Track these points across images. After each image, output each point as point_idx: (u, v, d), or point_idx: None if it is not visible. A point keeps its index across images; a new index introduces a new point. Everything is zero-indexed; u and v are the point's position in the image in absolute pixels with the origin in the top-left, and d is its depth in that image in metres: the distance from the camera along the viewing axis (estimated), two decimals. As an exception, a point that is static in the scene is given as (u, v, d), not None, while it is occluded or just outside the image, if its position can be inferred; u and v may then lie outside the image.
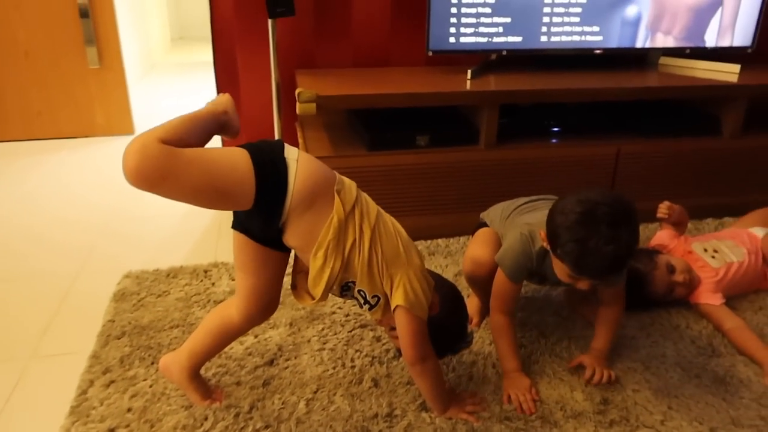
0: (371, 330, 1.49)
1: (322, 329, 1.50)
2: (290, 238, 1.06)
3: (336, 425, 1.20)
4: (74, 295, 1.69)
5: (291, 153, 1.02)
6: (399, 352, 1.24)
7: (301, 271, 1.17)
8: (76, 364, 1.37)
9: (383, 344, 1.44)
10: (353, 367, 1.37)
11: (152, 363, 1.37)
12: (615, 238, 1.09)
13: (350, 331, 1.49)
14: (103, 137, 3.06)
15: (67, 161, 2.74)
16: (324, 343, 1.45)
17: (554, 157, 2.00)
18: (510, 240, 1.34)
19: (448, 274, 1.73)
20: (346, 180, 1.10)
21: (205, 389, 1.27)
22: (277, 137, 2.06)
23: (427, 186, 1.94)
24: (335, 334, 1.48)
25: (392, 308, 1.10)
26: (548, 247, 1.21)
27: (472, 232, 1.56)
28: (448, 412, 1.22)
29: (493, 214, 1.54)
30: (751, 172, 2.16)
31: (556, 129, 2.11)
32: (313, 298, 1.10)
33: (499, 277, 1.34)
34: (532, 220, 1.36)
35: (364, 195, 1.13)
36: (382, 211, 1.14)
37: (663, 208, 1.72)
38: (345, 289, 1.11)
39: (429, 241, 1.92)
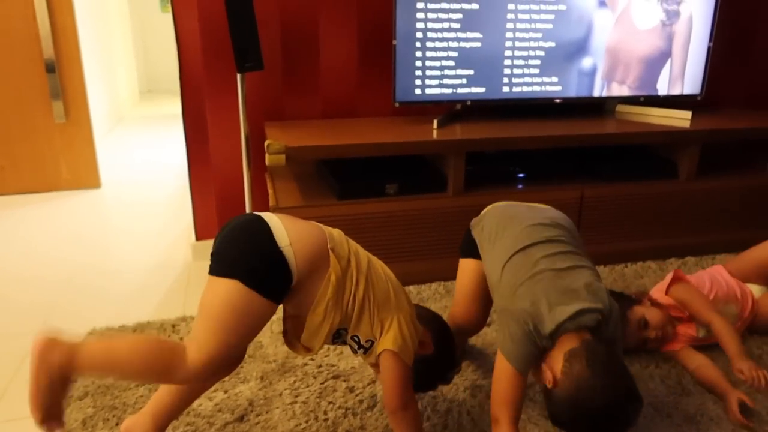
0: (344, 381, 1.47)
1: (294, 381, 1.47)
2: (287, 302, 1.08)
3: (309, 482, 1.16)
4: (35, 355, 1.62)
5: (281, 238, 1.02)
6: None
7: (290, 317, 1.16)
8: (36, 429, 1.31)
9: (356, 395, 1.42)
10: (326, 419, 1.34)
11: (116, 424, 1.32)
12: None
13: (323, 383, 1.46)
14: (68, 191, 3.02)
15: (30, 216, 2.68)
16: (296, 396, 1.41)
17: (520, 201, 2.03)
18: (513, 330, 1.13)
19: (421, 322, 1.73)
20: (335, 232, 1.13)
21: None
22: (246, 189, 2.06)
23: (397, 233, 1.95)
24: (307, 386, 1.45)
25: (378, 352, 1.11)
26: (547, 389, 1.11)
27: (460, 250, 1.46)
28: None
29: (487, 229, 1.36)
30: (709, 212, 2.23)
31: (521, 175, 2.17)
32: (309, 350, 1.12)
33: (503, 373, 1.13)
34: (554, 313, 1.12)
35: (352, 242, 1.15)
36: (370, 255, 1.16)
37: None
38: (336, 337, 1.13)
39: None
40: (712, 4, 2.25)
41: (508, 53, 2.12)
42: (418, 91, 2.07)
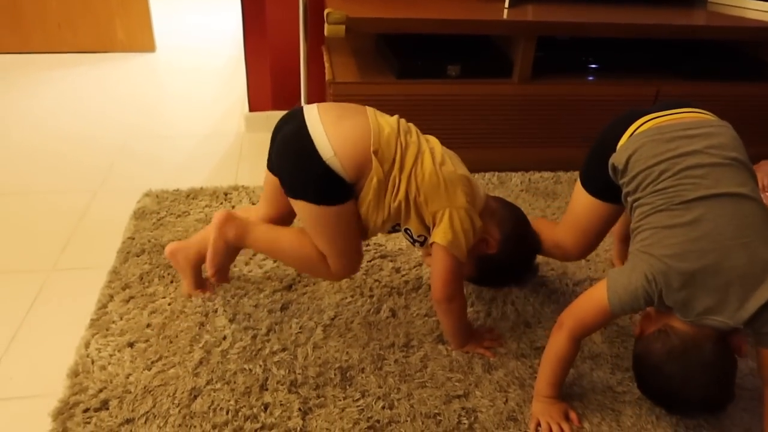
0: (391, 261, 1.48)
1: (342, 258, 1.48)
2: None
3: (352, 352, 1.20)
4: (94, 211, 1.68)
5: (325, 150, 1.03)
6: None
7: None
8: (96, 279, 1.38)
9: (402, 275, 1.43)
10: (371, 296, 1.36)
11: (171, 282, 1.37)
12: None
13: (369, 261, 1.47)
14: (123, 53, 2.99)
15: (86, 76, 2.69)
16: (343, 272, 1.43)
17: (590, 95, 1.91)
18: (634, 274, 0.98)
19: (472, 211, 1.70)
20: (386, 126, 1.08)
21: (201, 281, 1.32)
22: (302, 62, 1.98)
23: (454, 118, 1.87)
24: (354, 263, 1.46)
25: (430, 243, 1.11)
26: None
27: (584, 177, 1.20)
28: (466, 347, 1.21)
29: (638, 160, 1.02)
30: (796, 122, 2.05)
31: (593, 66, 2.01)
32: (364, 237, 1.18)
33: (598, 300, 1.01)
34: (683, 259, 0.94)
35: (407, 130, 1.11)
36: (429, 143, 1.12)
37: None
38: (391, 231, 1.16)
39: (453, 176, 1.88)
40: None
41: (597, -76, 1.89)
42: (491, -36, 1.89)
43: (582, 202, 1.20)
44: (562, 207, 1.75)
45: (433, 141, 1.15)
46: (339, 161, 1.03)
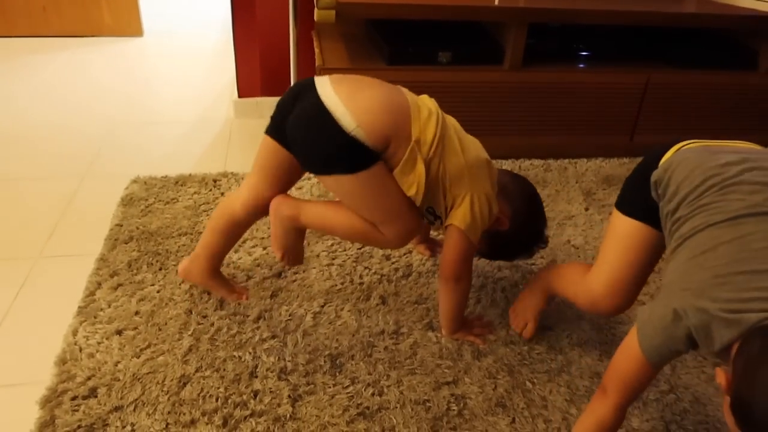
0: (380, 248, 1.47)
1: (332, 245, 1.48)
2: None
3: (342, 339, 1.20)
4: (81, 197, 1.67)
5: (347, 123, 0.99)
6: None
7: None
8: (83, 266, 1.37)
9: (392, 263, 1.43)
10: (361, 283, 1.36)
11: (160, 269, 1.36)
12: None
13: (359, 249, 1.47)
14: (110, 37, 2.95)
15: (72, 60, 2.65)
16: (333, 259, 1.43)
17: (580, 82, 1.91)
18: (656, 303, 0.81)
19: (462, 198, 1.70)
20: (423, 108, 1.07)
21: (229, 285, 1.30)
22: (292, 47, 1.96)
23: (445, 105, 1.84)
24: (344, 250, 1.46)
25: (446, 224, 1.11)
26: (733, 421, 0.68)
27: (618, 200, 1.01)
28: (456, 334, 1.22)
29: (681, 173, 0.86)
30: (784, 111, 2.06)
31: (584, 53, 2.01)
32: None
33: (632, 351, 0.82)
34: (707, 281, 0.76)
35: (440, 115, 1.09)
36: (451, 129, 1.10)
37: None
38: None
39: (443, 164, 1.87)
40: None
41: None
42: (483, -51, 1.87)
43: (619, 231, 0.99)
44: (551, 194, 1.75)
45: (453, 122, 1.14)
46: (364, 132, 0.99)
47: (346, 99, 1.00)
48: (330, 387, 1.09)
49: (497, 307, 1.31)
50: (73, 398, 1.04)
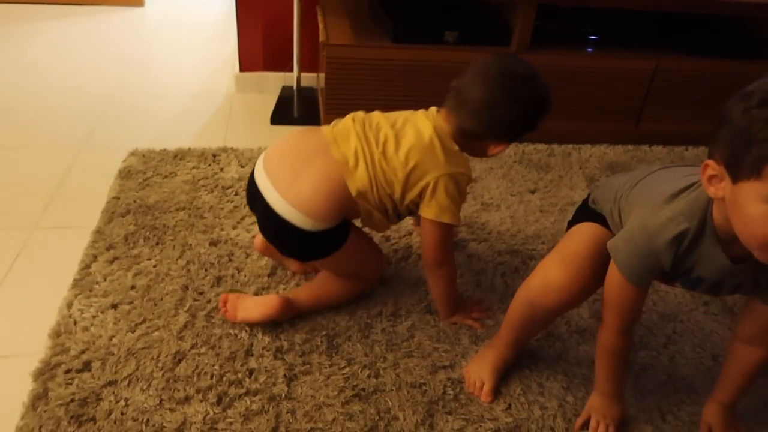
0: (381, 230, 1.46)
1: (331, 225, 1.46)
2: None
3: (339, 319, 1.19)
4: (78, 169, 1.64)
5: (304, 223, 1.04)
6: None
7: None
8: (79, 239, 1.35)
9: (392, 244, 1.42)
10: (360, 265, 1.34)
11: (157, 243, 1.35)
12: None
13: (359, 229, 1.45)
14: (111, 6, 2.89)
15: (73, 29, 2.60)
16: (332, 239, 1.42)
17: (587, 67, 1.88)
18: (636, 219, 0.86)
19: (464, 181, 1.68)
20: (350, 164, 1.05)
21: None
22: (295, 22, 1.92)
23: (449, 85, 1.83)
24: (344, 230, 1.45)
25: (419, 214, 1.10)
26: (722, 190, 0.73)
27: (568, 224, 1.09)
28: (454, 318, 1.21)
29: (609, 185, 1.02)
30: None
31: (593, 37, 1.97)
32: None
33: (613, 276, 0.89)
34: (674, 184, 0.85)
35: (362, 141, 1.06)
36: (381, 133, 1.07)
37: None
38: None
39: (446, 145, 1.85)
40: None
41: None
42: (494, -74, 1.83)
43: (579, 232, 1.03)
44: (554, 180, 1.73)
45: (379, 117, 1.11)
46: (321, 223, 1.04)
47: (291, 196, 1.04)
48: (326, 367, 1.08)
49: (496, 291, 1.30)
50: (67, 371, 1.03)
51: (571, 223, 1.08)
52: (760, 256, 0.72)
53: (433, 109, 1.11)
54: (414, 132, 1.06)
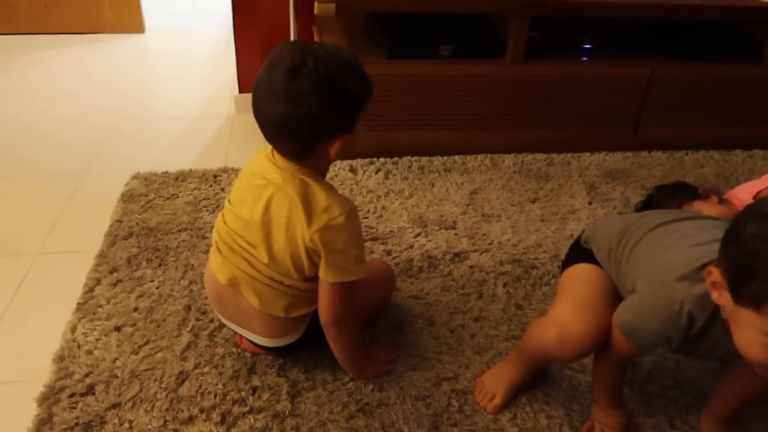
0: (382, 243, 1.46)
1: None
2: None
3: (342, 335, 1.18)
4: (81, 194, 1.66)
5: (266, 341, 1.05)
6: None
7: None
8: (83, 263, 1.36)
9: (393, 258, 1.42)
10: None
11: (159, 265, 1.36)
12: None
13: (360, 244, 1.46)
14: (112, 34, 2.94)
15: (74, 57, 2.64)
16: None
17: (583, 76, 1.88)
18: (646, 296, 0.86)
19: (464, 192, 1.68)
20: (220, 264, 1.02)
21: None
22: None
23: (446, 99, 1.85)
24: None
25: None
26: (724, 300, 0.73)
27: (562, 265, 1.09)
28: (363, 374, 1.10)
29: (602, 234, 1.02)
30: (791, 103, 2.03)
31: (588, 46, 1.98)
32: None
33: (618, 337, 0.90)
34: (684, 257, 0.83)
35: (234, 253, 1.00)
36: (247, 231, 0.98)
37: None
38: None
39: (446, 157, 1.86)
40: None
41: None
42: (484, -59, 1.85)
43: (572, 275, 1.04)
44: (554, 188, 1.73)
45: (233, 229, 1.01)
46: (301, 330, 1.04)
47: (259, 335, 1.04)
48: (329, 383, 1.08)
49: (499, 302, 1.30)
50: (71, 395, 1.03)
51: (565, 263, 1.08)
52: (755, 369, 0.75)
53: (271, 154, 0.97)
54: (281, 225, 0.94)
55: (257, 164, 0.99)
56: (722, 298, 0.73)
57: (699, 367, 1.16)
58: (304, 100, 0.85)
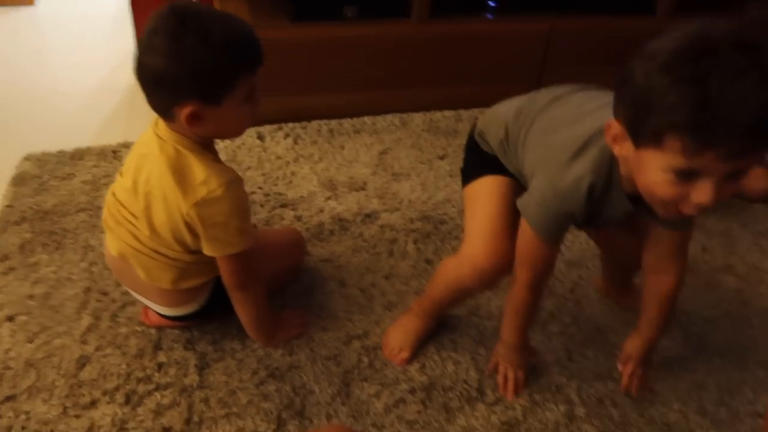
0: (291, 209, 1.44)
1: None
2: None
3: (252, 304, 1.17)
4: (-33, 179, 1.54)
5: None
6: None
7: None
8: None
9: (304, 223, 1.40)
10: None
11: (57, 248, 1.29)
12: (754, 63, 0.62)
13: (270, 212, 1.43)
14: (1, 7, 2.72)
15: (-46, 34, 2.43)
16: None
17: (487, 32, 1.90)
18: (546, 184, 0.85)
19: (373, 153, 1.68)
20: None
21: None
22: None
23: (354, 61, 1.82)
24: (255, 214, 1.42)
25: None
26: (626, 150, 0.73)
27: (462, 173, 1.07)
28: (272, 341, 1.08)
29: (497, 120, 1.00)
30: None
31: (492, 4, 1.99)
32: None
33: (526, 235, 0.89)
34: (576, 132, 0.84)
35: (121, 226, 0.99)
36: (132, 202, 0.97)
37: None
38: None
39: (355, 119, 1.84)
40: None
41: None
42: None
43: (471, 196, 1.02)
44: (462, 144, 1.74)
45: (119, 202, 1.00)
46: (202, 300, 1.03)
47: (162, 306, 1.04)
48: (238, 351, 1.07)
49: (409, 258, 1.32)
50: (-40, 390, 0.98)
51: (465, 171, 1.05)
52: (660, 211, 0.76)
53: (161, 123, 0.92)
54: (159, 197, 0.91)
55: (146, 132, 0.95)
56: (624, 149, 0.73)
57: (597, 304, 1.23)
58: (155, 51, 0.82)
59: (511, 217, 0.95)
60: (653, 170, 0.69)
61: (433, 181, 1.58)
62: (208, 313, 1.06)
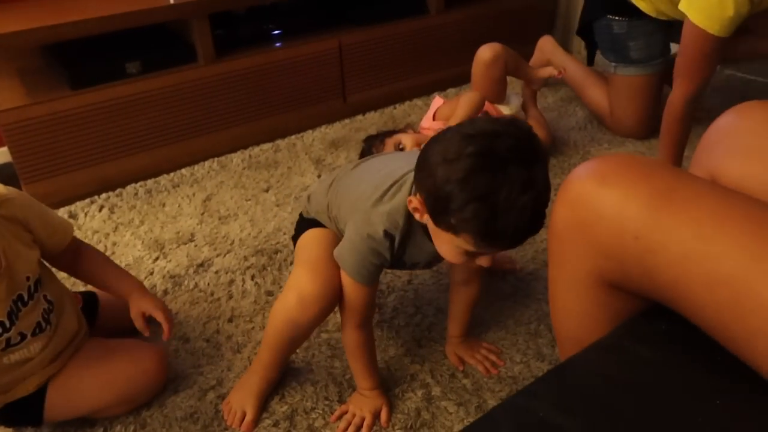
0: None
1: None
2: None
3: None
4: None
5: None
6: None
7: None
8: None
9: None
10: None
11: None
12: (531, 181, 0.75)
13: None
14: None
15: None
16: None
17: (280, 60, 1.96)
18: (353, 231, 0.94)
19: (197, 202, 1.65)
20: None
21: None
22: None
23: (150, 116, 1.78)
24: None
25: None
26: (425, 220, 0.86)
27: (293, 240, 1.12)
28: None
29: (315, 196, 1.10)
30: (460, 43, 2.34)
31: (276, 32, 2.06)
32: None
33: (346, 282, 0.97)
34: (375, 183, 0.96)
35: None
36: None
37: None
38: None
39: (172, 173, 1.80)
40: None
41: None
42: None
43: (313, 239, 1.08)
44: (284, 172, 1.79)
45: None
46: None
47: None
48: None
49: (250, 296, 1.32)
50: None
51: (296, 237, 1.10)
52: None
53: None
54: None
55: None
56: (423, 218, 0.86)
57: (434, 287, 1.32)
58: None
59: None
60: (447, 244, 0.84)
61: (262, 215, 1.59)
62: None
